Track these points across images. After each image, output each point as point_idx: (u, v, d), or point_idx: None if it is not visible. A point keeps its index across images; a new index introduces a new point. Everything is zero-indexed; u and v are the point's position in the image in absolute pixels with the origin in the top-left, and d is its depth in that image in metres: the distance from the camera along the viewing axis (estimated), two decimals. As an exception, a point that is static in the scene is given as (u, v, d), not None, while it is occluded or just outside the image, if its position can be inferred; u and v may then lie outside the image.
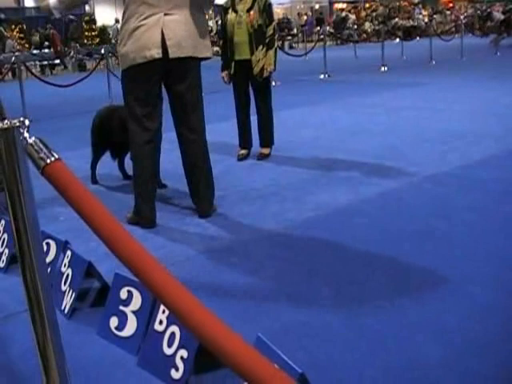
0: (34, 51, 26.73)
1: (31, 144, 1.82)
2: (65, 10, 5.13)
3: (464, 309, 3.30)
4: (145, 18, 4.71)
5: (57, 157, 1.83)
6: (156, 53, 4.69)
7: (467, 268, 3.83)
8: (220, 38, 7.12)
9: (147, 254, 1.61)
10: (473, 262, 3.91)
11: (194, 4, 4.81)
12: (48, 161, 1.80)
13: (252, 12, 6.65)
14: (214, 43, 26.40)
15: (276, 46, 6.90)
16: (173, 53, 4.72)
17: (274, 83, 12.89)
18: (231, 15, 6.71)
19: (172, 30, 4.71)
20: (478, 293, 3.47)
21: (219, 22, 26.48)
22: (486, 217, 4.75)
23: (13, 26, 31.05)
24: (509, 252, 4.06)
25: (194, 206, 5.22)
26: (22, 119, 1.84)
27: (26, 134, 1.84)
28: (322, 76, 16.35)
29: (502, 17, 30.40)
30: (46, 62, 25.99)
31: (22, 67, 13.26)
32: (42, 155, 1.81)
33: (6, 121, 1.81)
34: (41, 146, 1.83)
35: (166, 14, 4.72)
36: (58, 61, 26.62)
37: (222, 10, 6.95)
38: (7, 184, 1.84)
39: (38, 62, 25.65)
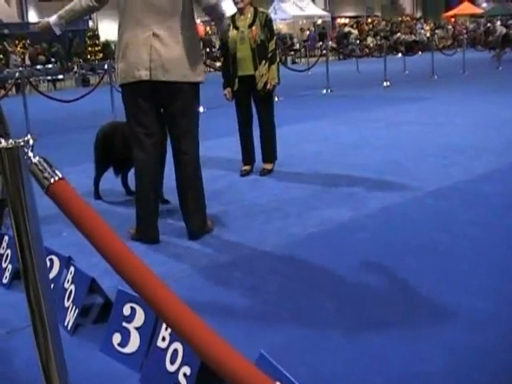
0: (38, 66, 26.84)
1: (35, 163, 1.84)
2: (65, 26, 5.13)
3: (466, 321, 3.31)
4: (135, 36, 4.71)
5: (60, 176, 1.84)
6: (144, 74, 4.68)
7: (470, 281, 3.84)
8: (222, 55, 7.13)
9: (150, 272, 1.62)
10: (475, 275, 3.92)
11: (186, 26, 4.75)
12: (52, 180, 1.82)
13: (254, 27, 6.68)
14: (217, 58, 26.50)
15: (278, 60, 6.94)
16: (155, 75, 4.68)
17: (276, 98, 12.92)
18: (232, 32, 6.73)
19: (158, 52, 4.66)
20: (480, 305, 3.48)
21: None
22: (489, 231, 4.76)
23: (16, 41, 31.16)
24: (511, 265, 4.06)
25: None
26: (26, 138, 1.85)
27: (31, 154, 1.85)
28: (324, 91, 16.38)
29: (504, 30, 30.53)
30: (49, 78, 26.07)
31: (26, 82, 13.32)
32: (46, 175, 1.83)
33: (10, 140, 1.82)
34: (45, 165, 1.84)
35: (154, 34, 4.67)
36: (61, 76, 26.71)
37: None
38: (11, 202, 1.85)
39: (41, 78, 25.73)
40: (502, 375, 2.78)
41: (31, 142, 1.86)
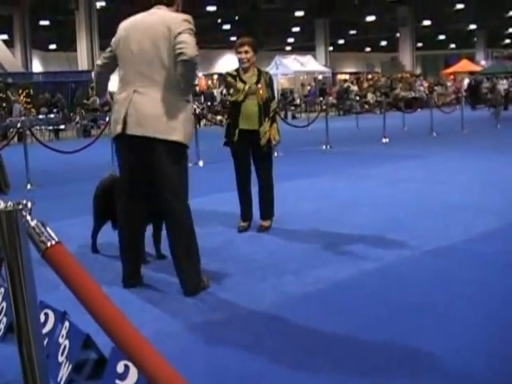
0: (40, 116, 27.05)
1: (33, 227, 1.86)
2: (101, 93, 5.83)
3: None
4: (121, 94, 4.97)
5: (57, 240, 1.87)
6: (119, 128, 4.87)
7: (468, 342, 3.83)
8: (224, 107, 7.19)
9: (142, 339, 1.62)
10: (474, 336, 3.91)
11: (169, 85, 4.85)
12: (49, 244, 1.85)
13: (260, 85, 6.78)
14: (218, 112, 26.73)
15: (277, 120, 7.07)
16: (129, 129, 4.83)
17: (276, 154, 12.97)
18: (239, 84, 6.79)
19: (135, 107, 4.82)
20: (478, 368, 3.46)
21: (223, 92, 26.72)
22: (488, 290, 4.76)
23: (20, 91, 31.46)
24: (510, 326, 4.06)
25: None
26: (24, 202, 1.88)
27: (29, 217, 1.88)
28: (323, 147, 16.42)
29: (504, 88, 30.90)
30: (51, 127, 26.26)
31: (28, 132, 13.41)
32: (42, 238, 1.86)
33: (9, 203, 1.85)
34: (42, 229, 1.87)
35: (135, 91, 4.84)
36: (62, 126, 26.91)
37: (229, 75, 6.99)
38: (8, 263, 1.87)
39: (43, 127, 25.94)
40: None
41: (29, 205, 1.89)
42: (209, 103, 32.04)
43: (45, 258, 1.84)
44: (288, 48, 55.42)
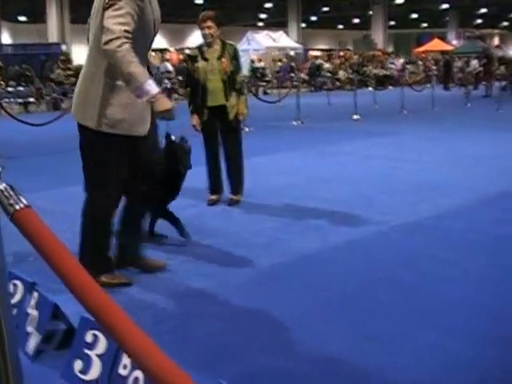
0: (9, 88, 26.66)
1: (1, 190, 1.86)
2: None
3: (436, 360, 3.33)
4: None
5: (26, 203, 1.87)
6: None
7: (433, 319, 3.87)
8: (187, 85, 7.13)
9: (112, 303, 1.64)
10: (439, 312, 3.96)
11: (96, 62, 4.32)
12: (17, 207, 1.84)
13: (224, 59, 6.75)
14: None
15: (246, 92, 7.01)
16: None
17: (246, 129, 12.97)
18: (201, 63, 6.77)
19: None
20: (448, 344, 3.51)
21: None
22: (453, 267, 4.81)
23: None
24: (478, 302, 4.12)
25: None
26: (-7, 165, 1.87)
27: (-3, 180, 1.88)
28: (295, 123, 16.43)
29: (476, 66, 31.06)
30: (20, 100, 25.90)
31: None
32: (11, 201, 1.85)
33: (-23, 166, 1.85)
34: (11, 192, 1.86)
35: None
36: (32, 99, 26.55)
37: (189, 59, 7.01)
38: (-24, 229, 1.87)
39: (12, 100, 25.56)
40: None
41: (-1, 169, 1.88)
42: (180, 78, 31.78)
43: (13, 221, 1.84)
44: (260, 24, 55.09)
